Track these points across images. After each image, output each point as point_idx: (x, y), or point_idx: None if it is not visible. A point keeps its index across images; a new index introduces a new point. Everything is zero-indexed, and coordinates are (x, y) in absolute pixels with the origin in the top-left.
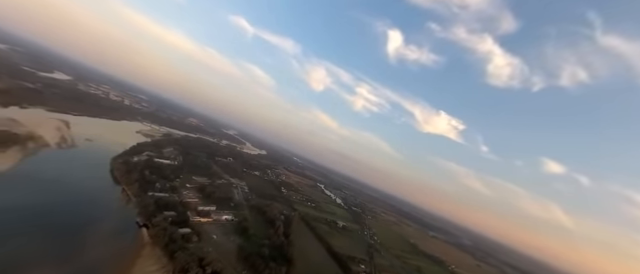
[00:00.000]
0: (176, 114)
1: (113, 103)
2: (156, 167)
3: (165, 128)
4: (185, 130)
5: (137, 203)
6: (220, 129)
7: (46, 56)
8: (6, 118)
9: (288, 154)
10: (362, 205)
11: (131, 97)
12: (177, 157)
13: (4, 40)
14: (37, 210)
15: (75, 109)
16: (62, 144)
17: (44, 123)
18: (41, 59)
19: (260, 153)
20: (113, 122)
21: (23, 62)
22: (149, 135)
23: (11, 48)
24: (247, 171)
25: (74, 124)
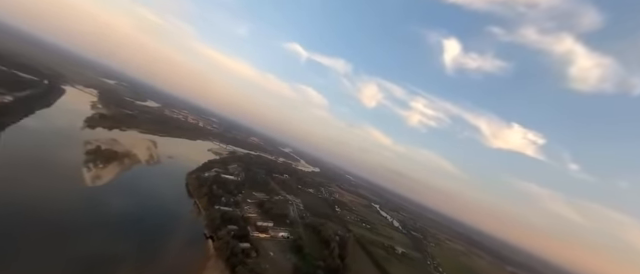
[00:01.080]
0: (240, 134)
1: (190, 125)
2: (222, 182)
3: (231, 146)
4: (247, 148)
5: (205, 216)
6: (277, 147)
7: (142, 88)
8: (110, 138)
9: (341, 172)
10: (423, 230)
11: (205, 120)
12: (240, 173)
13: (114, 77)
14: (127, 216)
15: (161, 131)
16: (150, 161)
17: (137, 143)
18: (138, 91)
19: (314, 170)
20: (190, 142)
21: (125, 94)
22: (218, 153)
23: (118, 83)
24: (302, 188)
25: (160, 144)
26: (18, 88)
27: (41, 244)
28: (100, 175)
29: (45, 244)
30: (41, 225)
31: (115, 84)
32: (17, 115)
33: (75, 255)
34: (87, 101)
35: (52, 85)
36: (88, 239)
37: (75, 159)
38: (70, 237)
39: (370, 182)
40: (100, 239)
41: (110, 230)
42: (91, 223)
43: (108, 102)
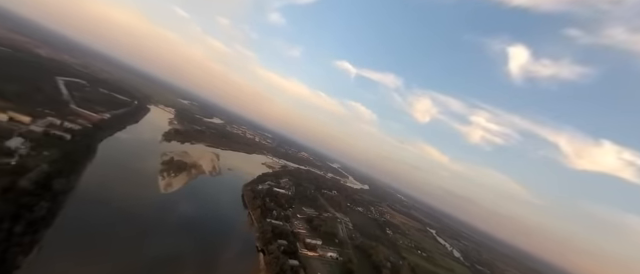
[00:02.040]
0: (291, 149)
1: (248, 140)
2: (274, 196)
3: (283, 161)
4: (298, 163)
5: (258, 228)
6: (326, 162)
7: (210, 107)
8: (182, 151)
9: (391, 190)
10: (490, 263)
11: (260, 135)
12: (290, 187)
13: (188, 98)
14: (190, 222)
15: (223, 144)
16: (213, 172)
17: (203, 155)
18: (207, 109)
19: (363, 188)
20: (247, 155)
21: (196, 112)
22: (271, 167)
23: (191, 103)
24: (351, 206)
25: (222, 156)
26: (115, 107)
27: (123, 239)
28: (171, 183)
29: (126, 239)
30: (124, 223)
31: (188, 104)
32: (113, 129)
33: (147, 251)
34: (166, 118)
35: (140, 105)
36: (157, 239)
37: (153, 168)
38: (145, 236)
39: (424, 203)
40: (167, 240)
41: (176, 233)
42: (161, 225)
43: (182, 119)
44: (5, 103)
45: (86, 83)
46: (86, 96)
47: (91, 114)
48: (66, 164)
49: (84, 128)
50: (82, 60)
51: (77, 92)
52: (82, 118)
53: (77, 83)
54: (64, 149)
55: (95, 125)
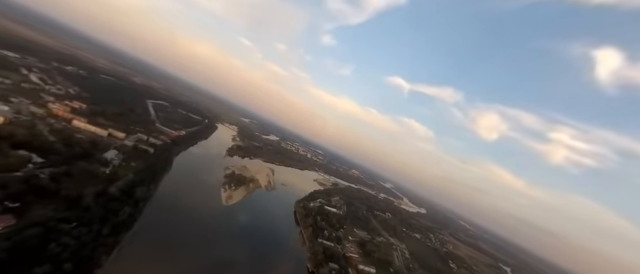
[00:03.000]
0: (342, 166)
1: (301, 156)
2: (325, 214)
3: (333, 178)
4: (348, 181)
5: (309, 247)
6: (378, 181)
7: (267, 125)
8: (241, 165)
9: (453, 216)
10: None
11: (312, 152)
12: (342, 207)
13: (249, 116)
14: (246, 234)
15: (278, 160)
16: (268, 186)
17: (260, 170)
18: (264, 127)
19: (420, 211)
20: (299, 171)
21: (255, 129)
22: (322, 184)
23: (251, 121)
24: (407, 232)
25: (276, 171)
26: (189, 125)
27: (189, 244)
28: (232, 196)
29: (191, 244)
30: (190, 230)
31: (249, 122)
32: (187, 144)
33: (208, 256)
34: (230, 135)
35: (210, 123)
36: (217, 246)
37: (217, 180)
38: (207, 242)
39: (494, 234)
40: (225, 248)
41: (233, 243)
42: (221, 234)
43: (243, 136)
44: (107, 121)
45: (168, 105)
46: (168, 116)
47: (171, 131)
48: (148, 174)
49: (164, 143)
50: (166, 85)
51: (161, 112)
52: (164, 135)
53: (162, 105)
54: (147, 161)
55: (173, 141)
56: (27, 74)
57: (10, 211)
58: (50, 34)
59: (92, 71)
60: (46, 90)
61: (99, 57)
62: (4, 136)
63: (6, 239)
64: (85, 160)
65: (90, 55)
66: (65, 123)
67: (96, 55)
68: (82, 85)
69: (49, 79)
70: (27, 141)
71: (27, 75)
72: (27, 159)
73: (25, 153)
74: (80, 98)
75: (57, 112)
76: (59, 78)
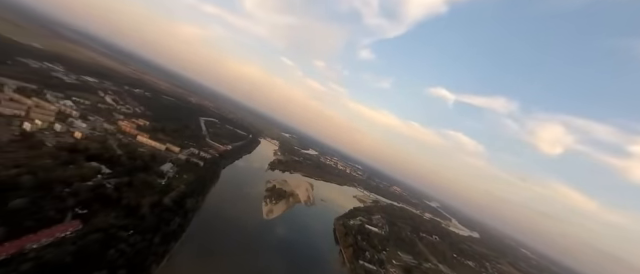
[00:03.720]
0: (382, 182)
1: (339, 171)
2: (366, 234)
3: (374, 195)
4: (390, 198)
5: (350, 270)
6: (422, 200)
7: (306, 139)
8: (282, 179)
9: (512, 242)
10: None
11: (351, 167)
12: (384, 226)
13: (289, 131)
14: (286, 250)
15: (317, 175)
16: (307, 201)
17: (300, 184)
18: (304, 141)
19: (471, 235)
20: (338, 186)
21: (295, 144)
22: (362, 200)
23: (291, 136)
24: (458, 258)
25: (315, 186)
26: (235, 140)
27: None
28: (272, 210)
29: (234, 255)
30: (233, 241)
31: (289, 137)
32: (233, 158)
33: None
34: (272, 149)
35: (254, 138)
36: (258, 259)
37: (259, 193)
38: (249, 254)
39: (564, 266)
40: (266, 262)
41: (274, 257)
42: (263, 248)
43: (284, 150)
44: (165, 137)
45: (218, 121)
46: (217, 131)
47: (219, 146)
48: (197, 186)
49: (213, 157)
50: (217, 104)
51: (211, 128)
52: (213, 149)
53: (212, 121)
54: (198, 173)
55: (221, 154)
56: (103, 96)
57: (78, 217)
58: (123, 62)
59: (156, 93)
60: (117, 109)
61: (162, 80)
62: (80, 149)
63: (72, 243)
64: (145, 172)
65: (155, 79)
66: (131, 138)
67: (159, 79)
68: (147, 105)
69: (120, 100)
70: (98, 154)
71: (103, 97)
72: (97, 170)
73: (96, 165)
74: (145, 116)
75: (125, 128)
76: (129, 99)
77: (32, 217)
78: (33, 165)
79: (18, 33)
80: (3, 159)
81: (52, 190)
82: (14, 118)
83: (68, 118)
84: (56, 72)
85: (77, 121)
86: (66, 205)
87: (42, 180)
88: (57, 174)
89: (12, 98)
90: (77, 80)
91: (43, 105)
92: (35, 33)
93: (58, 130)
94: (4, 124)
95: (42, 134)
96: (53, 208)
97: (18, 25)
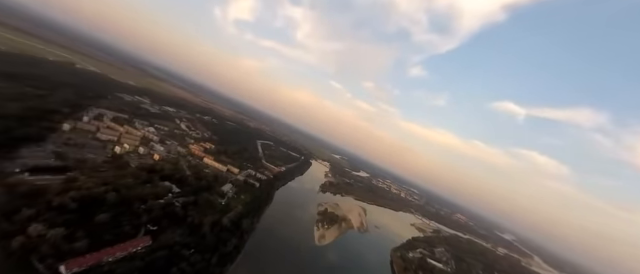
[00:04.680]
0: (443, 209)
1: (394, 195)
2: (429, 270)
3: (434, 223)
4: (453, 228)
5: None
6: (493, 231)
7: (357, 161)
8: (334, 203)
9: None
10: None
11: (406, 190)
12: (449, 261)
13: (339, 153)
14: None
15: (369, 199)
16: (360, 228)
17: (352, 208)
18: (354, 163)
19: None
20: (393, 212)
21: (346, 166)
22: (421, 229)
23: (341, 157)
24: None
25: (368, 211)
26: (288, 162)
27: None
28: (324, 235)
29: None
30: (286, 266)
31: (340, 158)
32: (286, 179)
33: None
34: (323, 171)
35: (306, 159)
36: None
37: (311, 216)
38: None
39: None
40: None
41: None
42: None
43: (335, 172)
44: (227, 159)
45: (273, 144)
46: (272, 153)
47: (273, 167)
48: (253, 207)
49: (268, 178)
50: (272, 127)
51: (267, 151)
52: (268, 170)
53: (268, 144)
54: (254, 194)
55: (275, 176)
56: (179, 123)
57: (149, 233)
58: (195, 93)
59: (221, 119)
60: (189, 134)
61: (227, 108)
62: (157, 170)
63: (141, 259)
64: (208, 191)
65: (221, 107)
66: (199, 160)
67: (225, 107)
68: (214, 130)
69: (192, 126)
70: (171, 174)
71: (178, 124)
72: (168, 189)
73: (168, 184)
74: (211, 140)
75: (194, 151)
76: (199, 125)
77: (111, 231)
78: (118, 183)
79: (118, 74)
80: (96, 177)
81: (131, 206)
82: (109, 142)
83: (150, 142)
84: (144, 104)
85: (157, 145)
86: (140, 221)
87: (123, 197)
88: (136, 192)
89: (109, 126)
90: (159, 110)
91: (132, 131)
92: (131, 73)
93: (141, 153)
94: (100, 147)
95: (128, 156)
96: (129, 223)
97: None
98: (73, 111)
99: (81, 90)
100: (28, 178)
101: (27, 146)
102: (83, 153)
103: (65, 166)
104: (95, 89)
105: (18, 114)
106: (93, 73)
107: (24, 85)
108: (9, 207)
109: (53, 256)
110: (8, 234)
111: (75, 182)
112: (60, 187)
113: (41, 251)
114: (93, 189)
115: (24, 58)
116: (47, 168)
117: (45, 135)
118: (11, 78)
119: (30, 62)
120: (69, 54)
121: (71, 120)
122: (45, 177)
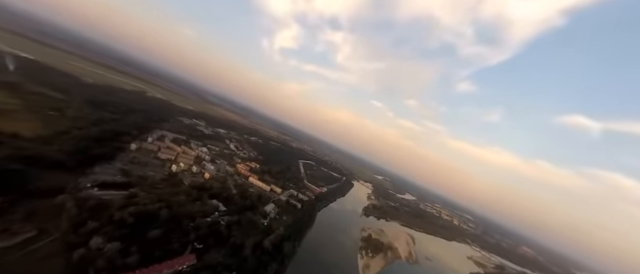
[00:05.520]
0: (504, 239)
1: (445, 222)
2: None
3: (495, 257)
4: (520, 263)
5: None
6: (568, 269)
7: (400, 182)
8: (378, 228)
9: None
10: None
11: (459, 217)
12: None
13: (381, 173)
14: None
15: (417, 225)
16: (409, 258)
17: (398, 235)
18: (398, 184)
19: None
20: (445, 242)
21: (389, 187)
22: (480, 264)
23: (384, 178)
24: None
25: (417, 239)
26: (330, 182)
27: None
28: (369, 265)
29: None
30: None
31: (382, 179)
32: (328, 200)
33: None
34: (365, 193)
35: (347, 180)
36: None
37: (354, 241)
38: None
39: None
40: None
41: None
42: None
43: (378, 194)
44: (271, 178)
45: (314, 164)
46: (313, 173)
47: (315, 187)
48: (294, 230)
49: (310, 199)
50: (313, 147)
51: (309, 170)
52: (309, 191)
53: (309, 164)
54: (295, 216)
55: (317, 197)
56: (228, 143)
57: (195, 251)
58: (244, 116)
59: (266, 139)
60: (237, 154)
61: (272, 129)
62: (206, 188)
63: None
64: (251, 211)
65: (267, 128)
66: (244, 179)
67: (270, 128)
68: (259, 150)
69: (240, 146)
70: (219, 193)
71: (228, 144)
72: (216, 207)
73: (216, 202)
74: (256, 160)
75: (241, 170)
76: (246, 145)
77: (161, 247)
78: (171, 200)
79: (180, 100)
80: (153, 194)
81: (180, 224)
82: (167, 161)
83: (202, 161)
84: (199, 126)
85: (208, 164)
86: (188, 239)
87: (175, 214)
88: (186, 209)
89: (168, 146)
90: (212, 131)
91: (187, 151)
92: (190, 99)
93: (194, 171)
94: (160, 166)
95: (183, 174)
96: (178, 241)
97: (181, 95)
98: (140, 133)
99: (148, 114)
100: (96, 192)
101: (100, 164)
102: (145, 171)
103: (128, 182)
104: (160, 113)
105: (96, 136)
106: (160, 100)
107: (104, 111)
108: (77, 219)
109: (107, 270)
110: (72, 246)
111: (135, 198)
112: (122, 202)
113: (97, 265)
114: (149, 205)
115: (106, 89)
116: (113, 184)
117: (115, 154)
118: (95, 105)
119: (110, 91)
120: (142, 84)
121: (138, 141)
122: (111, 192)
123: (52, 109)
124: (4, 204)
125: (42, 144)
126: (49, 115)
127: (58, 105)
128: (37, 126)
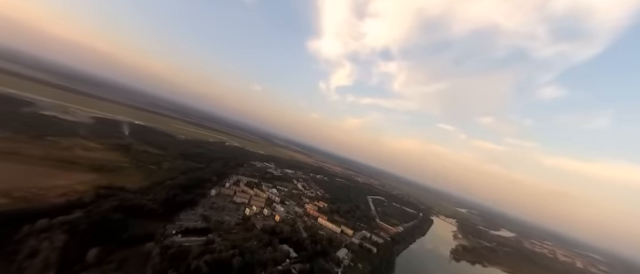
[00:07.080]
0: None
1: (563, 266)
2: None
3: None
4: None
5: None
6: None
7: (491, 215)
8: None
9: None
10: None
11: (582, 257)
12: None
13: (464, 205)
14: None
15: (528, 271)
16: None
17: None
18: (488, 218)
19: None
20: None
21: (478, 222)
22: None
23: (469, 211)
24: None
25: None
26: (405, 220)
27: None
28: None
29: None
30: None
31: (467, 213)
32: (406, 242)
33: None
34: (449, 230)
35: (424, 216)
36: None
37: None
38: None
39: None
40: None
41: None
42: None
43: (466, 232)
44: (340, 218)
45: (384, 199)
46: (385, 210)
47: (389, 227)
48: None
49: (385, 241)
50: (380, 181)
51: (379, 207)
52: (383, 231)
53: (379, 200)
54: (372, 262)
55: (392, 238)
56: (296, 183)
57: None
58: (309, 155)
59: (331, 176)
60: (305, 194)
61: (336, 165)
62: (277, 232)
63: None
64: (323, 258)
65: (331, 165)
66: (313, 220)
67: (334, 164)
68: (325, 188)
69: (307, 185)
70: (289, 237)
71: (296, 184)
72: (286, 254)
73: (287, 248)
74: (324, 199)
75: (309, 211)
76: (313, 184)
77: None
78: (244, 246)
79: (253, 146)
80: (228, 240)
81: (253, 273)
82: (241, 205)
83: (273, 203)
84: (270, 168)
85: (278, 205)
86: None
87: (247, 262)
88: (258, 256)
89: (242, 190)
90: (281, 173)
91: (259, 193)
92: (261, 144)
93: (265, 214)
94: (235, 210)
95: (255, 218)
96: None
97: (254, 141)
98: (219, 179)
99: (227, 161)
100: (179, 239)
101: (185, 210)
102: (222, 215)
103: (207, 228)
104: (236, 160)
105: (183, 184)
106: (236, 147)
107: (192, 161)
108: (159, 268)
109: None
110: None
111: (211, 244)
112: (199, 249)
113: None
114: (223, 252)
115: (195, 142)
116: (194, 230)
117: (198, 200)
118: (186, 157)
119: (198, 144)
120: (222, 136)
121: (217, 186)
122: (191, 239)
123: (153, 163)
124: (102, 253)
125: (141, 194)
126: (150, 169)
127: (157, 160)
128: (140, 179)
